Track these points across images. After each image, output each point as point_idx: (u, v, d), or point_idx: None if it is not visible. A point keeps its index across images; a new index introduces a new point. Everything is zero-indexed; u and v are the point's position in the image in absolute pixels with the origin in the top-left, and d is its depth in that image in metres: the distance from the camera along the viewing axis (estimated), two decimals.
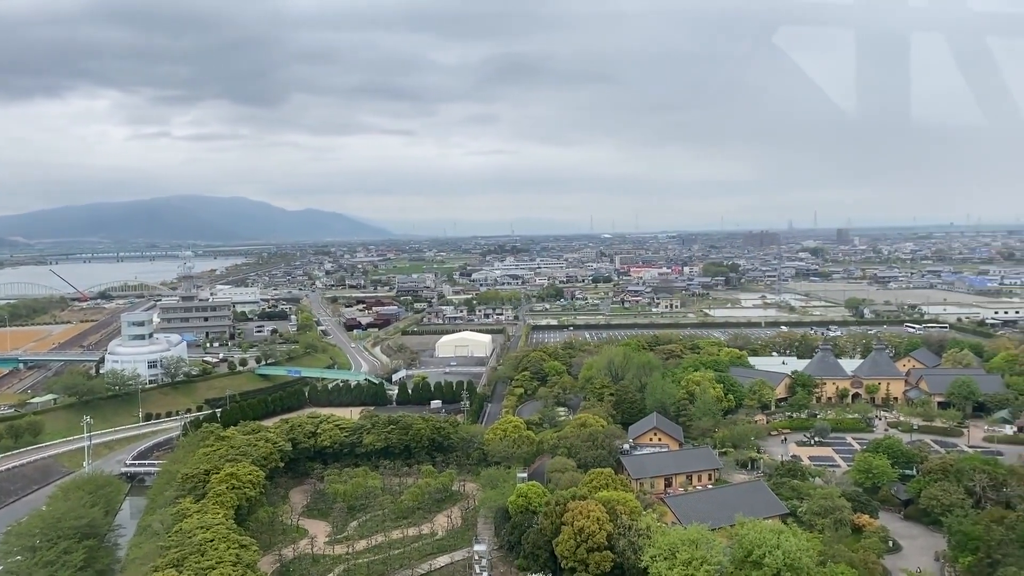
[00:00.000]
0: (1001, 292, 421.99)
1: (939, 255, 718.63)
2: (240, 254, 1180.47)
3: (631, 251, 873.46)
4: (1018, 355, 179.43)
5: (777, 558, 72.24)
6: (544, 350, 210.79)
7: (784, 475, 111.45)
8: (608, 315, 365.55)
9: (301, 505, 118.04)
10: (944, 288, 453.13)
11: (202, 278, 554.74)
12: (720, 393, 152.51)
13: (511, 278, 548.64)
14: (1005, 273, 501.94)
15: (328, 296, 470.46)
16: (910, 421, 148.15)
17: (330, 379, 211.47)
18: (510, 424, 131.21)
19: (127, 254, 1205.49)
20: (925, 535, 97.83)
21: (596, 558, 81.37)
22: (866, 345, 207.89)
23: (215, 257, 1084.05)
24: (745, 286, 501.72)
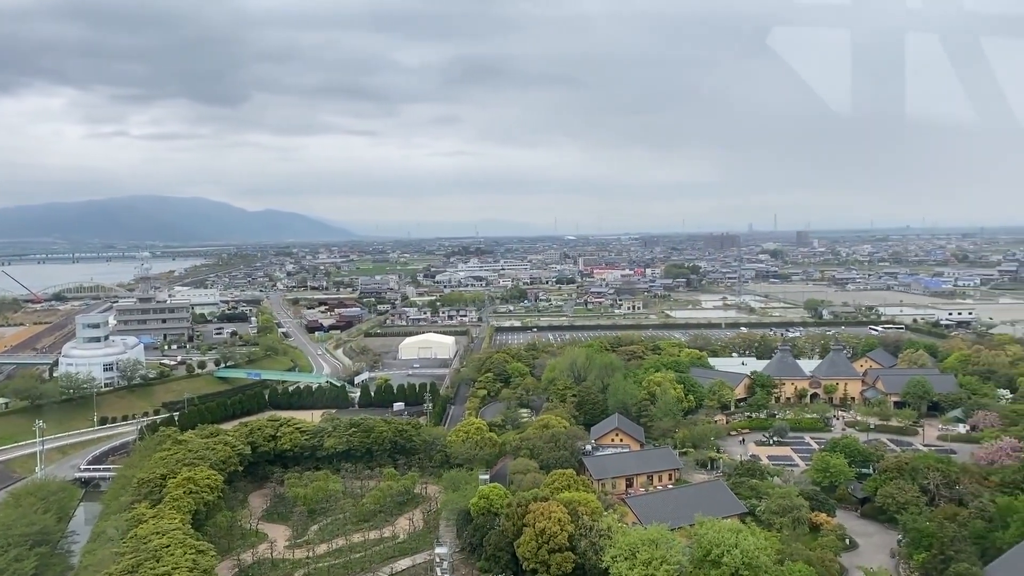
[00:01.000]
0: (955, 293, 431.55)
1: (896, 257, 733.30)
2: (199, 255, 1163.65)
3: (594, 253, 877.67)
4: (971, 355, 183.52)
5: (735, 557, 72.99)
6: (508, 351, 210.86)
7: (743, 475, 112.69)
8: (571, 316, 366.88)
9: (261, 509, 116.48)
10: (900, 290, 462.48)
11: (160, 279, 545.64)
12: (681, 394, 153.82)
13: (475, 279, 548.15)
14: (959, 275, 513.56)
15: (289, 298, 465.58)
16: (867, 421, 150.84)
17: (291, 382, 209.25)
18: (473, 426, 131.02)
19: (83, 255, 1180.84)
20: (881, 533, 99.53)
21: (557, 559, 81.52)
22: (824, 346, 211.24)
23: (174, 258, 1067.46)
24: (706, 287, 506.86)
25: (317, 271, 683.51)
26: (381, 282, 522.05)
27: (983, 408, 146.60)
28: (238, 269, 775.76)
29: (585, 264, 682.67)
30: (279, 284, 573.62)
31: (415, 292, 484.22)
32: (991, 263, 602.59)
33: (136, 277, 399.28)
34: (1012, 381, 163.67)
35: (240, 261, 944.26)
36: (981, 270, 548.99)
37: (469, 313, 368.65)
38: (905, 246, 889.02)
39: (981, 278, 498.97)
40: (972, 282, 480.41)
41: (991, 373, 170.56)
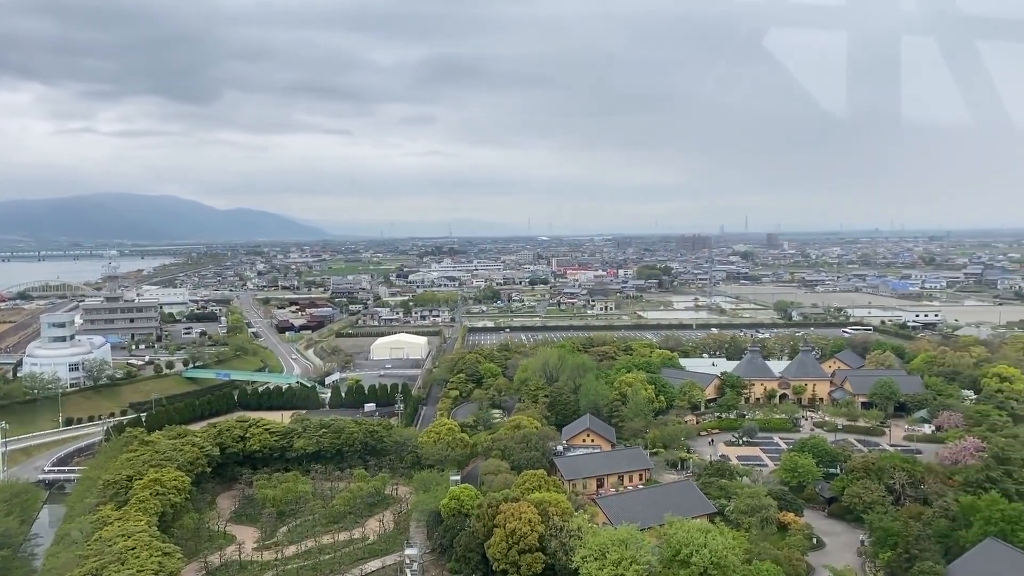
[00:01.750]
0: (922, 295, 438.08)
1: (864, 260, 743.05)
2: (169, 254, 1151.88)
3: (568, 253, 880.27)
4: (936, 356, 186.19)
5: (704, 557, 73.44)
6: (480, 352, 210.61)
7: (713, 475, 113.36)
8: (544, 317, 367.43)
9: (229, 511, 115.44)
10: (869, 291, 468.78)
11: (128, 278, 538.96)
12: (652, 394, 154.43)
13: (448, 280, 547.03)
14: (926, 277, 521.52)
15: (260, 297, 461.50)
16: (835, 421, 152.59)
17: (261, 382, 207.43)
18: (444, 427, 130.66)
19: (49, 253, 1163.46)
20: (848, 532, 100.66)
21: (528, 560, 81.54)
22: (793, 347, 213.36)
23: (142, 257, 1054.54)
24: (678, 289, 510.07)
25: (288, 271, 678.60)
26: (353, 282, 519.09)
27: (948, 409, 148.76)
28: (208, 268, 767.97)
29: (558, 265, 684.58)
30: (250, 283, 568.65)
31: (388, 292, 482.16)
32: (957, 266, 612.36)
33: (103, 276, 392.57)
34: (976, 382, 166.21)
35: (210, 260, 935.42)
36: (947, 273, 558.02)
37: (442, 313, 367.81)
38: (874, 248, 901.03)
39: (947, 280, 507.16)
40: (939, 284, 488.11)
41: (956, 374, 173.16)
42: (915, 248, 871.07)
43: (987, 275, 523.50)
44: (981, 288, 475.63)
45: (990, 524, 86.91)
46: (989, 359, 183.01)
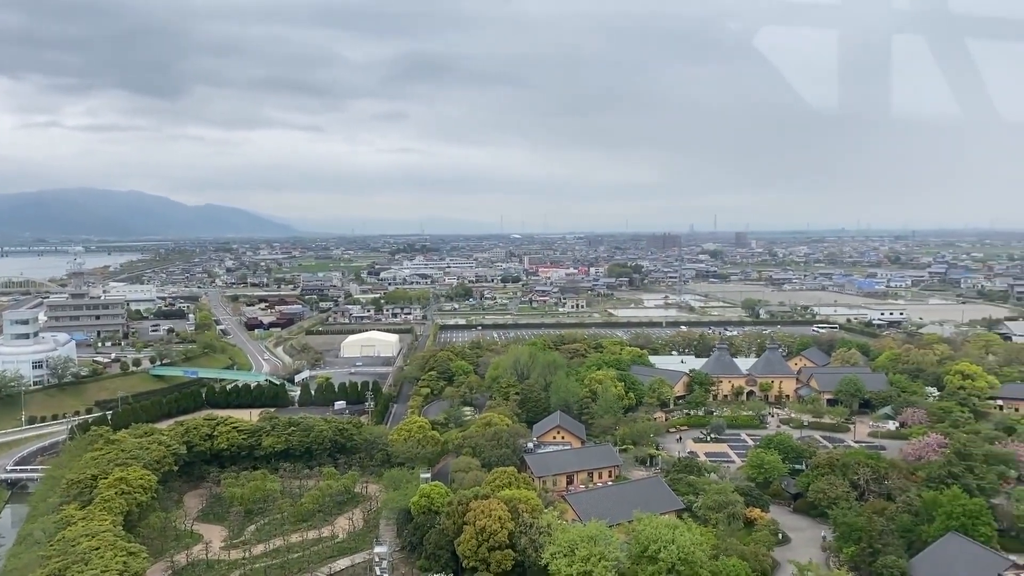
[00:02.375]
0: (887, 294, 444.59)
1: (831, 259, 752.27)
2: (136, 250, 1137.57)
3: (540, 251, 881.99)
4: (901, 354, 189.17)
5: (672, 553, 74.18)
6: (452, 350, 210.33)
7: (681, 471, 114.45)
8: (516, 315, 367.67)
9: (196, 510, 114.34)
10: (835, 290, 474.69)
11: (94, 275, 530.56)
12: (622, 391, 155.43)
13: (420, 277, 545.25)
14: (891, 276, 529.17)
15: (229, 294, 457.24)
16: (801, 418, 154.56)
17: (229, 380, 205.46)
18: (415, 424, 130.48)
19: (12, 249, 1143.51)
20: (813, 527, 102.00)
21: (497, 557, 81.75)
22: (761, 344, 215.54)
23: (109, 253, 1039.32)
24: (648, 287, 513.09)
25: (258, 267, 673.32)
26: (324, 279, 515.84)
27: (912, 405, 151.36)
28: (176, 265, 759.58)
29: (530, 263, 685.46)
30: (218, 280, 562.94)
31: (359, 290, 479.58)
32: (922, 265, 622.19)
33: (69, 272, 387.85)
34: (939, 379, 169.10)
35: (178, 257, 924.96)
36: (912, 272, 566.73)
37: (414, 311, 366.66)
38: (840, 248, 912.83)
39: (912, 279, 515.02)
40: (903, 283, 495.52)
41: (920, 371, 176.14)
42: (880, 247, 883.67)
43: (951, 274, 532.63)
44: (945, 287, 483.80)
45: (951, 519, 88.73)
46: (952, 357, 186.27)
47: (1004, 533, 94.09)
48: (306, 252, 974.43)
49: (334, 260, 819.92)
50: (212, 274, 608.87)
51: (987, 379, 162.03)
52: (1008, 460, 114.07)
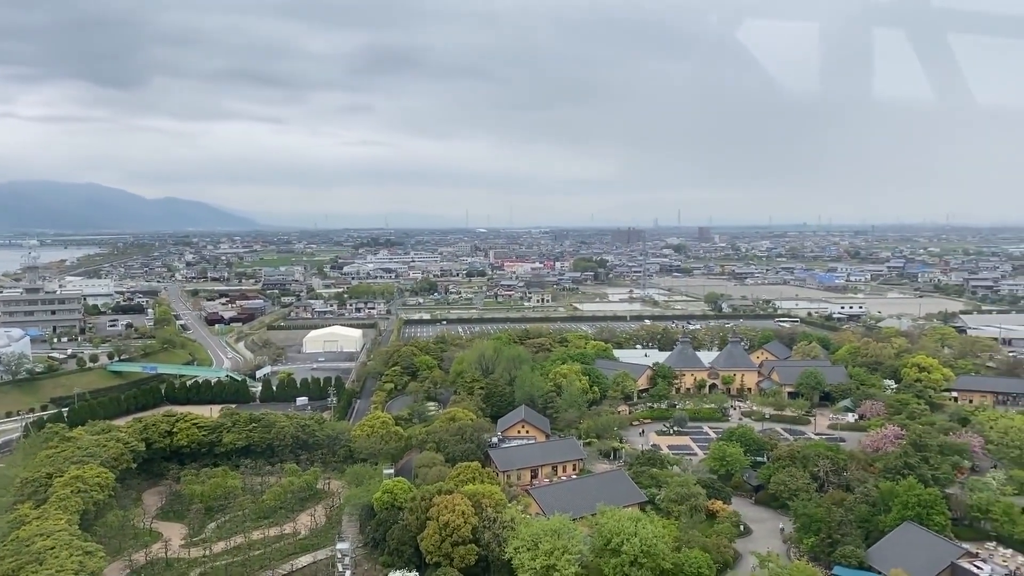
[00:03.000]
0: (847, 288, 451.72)
1: (792, 253, 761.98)
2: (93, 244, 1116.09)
3: (505, 246, 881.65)
4: (860, 347, 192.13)
5: (634, 545, 74.54)
6: (416, 344, 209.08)
7: (644, 464, 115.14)
8: (481, 309, 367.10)
9: (155, 508, 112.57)
10: (796, 284, 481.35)
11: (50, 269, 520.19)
12: (586, 385, 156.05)
13: (384, 271, 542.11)
14: (851, 270, 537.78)
15: (189, 289, 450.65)
16: (762, 410, 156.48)
17: (189, 376, 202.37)
18: (378, 420, 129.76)
19: None
20: (774, 519, 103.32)
21: (461, 552, 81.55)
22: (723, 338, 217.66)
23: (65, 247, 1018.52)
24: (613, 281, 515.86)
25: (218, 262, 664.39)
26: (286, 273, 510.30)
27: (870, 398, 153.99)
28: (135, 259, 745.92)
29: (496, 257, 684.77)
30: (178, 275, 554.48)
31: (321, 284, 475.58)
32: (881, 259, 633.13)
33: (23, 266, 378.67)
34: (897, 372, 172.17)
35: (137, 251, 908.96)
36: (872, 266, 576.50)
37: (377, 306, 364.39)
38: (801, 242, 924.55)
39: (871, 274, 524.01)
40: (863, 277, 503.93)
41: (878, 364, 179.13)
42: (841, 242, 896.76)
43: (908, 269, 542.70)
44: (903, 281, 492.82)
45: (907, 508, 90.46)
46: (909, 350, 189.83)
47: (957, 522, 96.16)
48: (268, 246, 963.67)
49: (296, 254, 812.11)
50: (172, 268, 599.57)
51: (942, 371, 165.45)
52: (962, 451, 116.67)
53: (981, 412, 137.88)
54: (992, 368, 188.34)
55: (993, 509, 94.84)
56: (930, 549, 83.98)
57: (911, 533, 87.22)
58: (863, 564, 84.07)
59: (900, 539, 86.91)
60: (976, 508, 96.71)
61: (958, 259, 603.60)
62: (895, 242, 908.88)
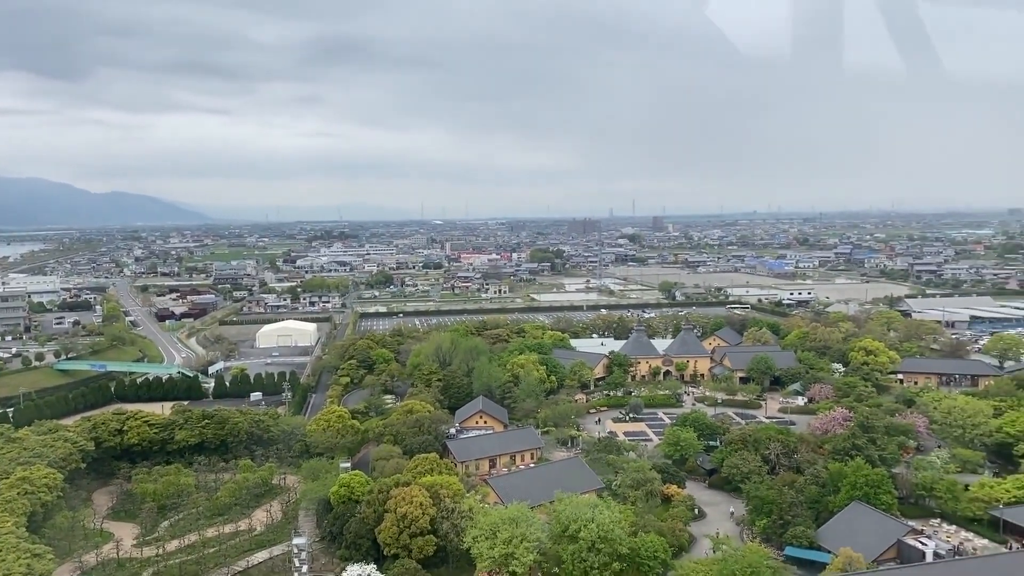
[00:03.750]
0: (796, 275, 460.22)
1: (743, 241, 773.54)
2: (37, 240, 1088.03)
3: (462, 237, 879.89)
4: (809, 332, 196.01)
5: (592, 531, 75.30)
6: (372, 338, 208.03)
7: (601, 451, 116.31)
8: (438, 301, 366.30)
9: (106, 507, 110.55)
10: (747, 271, 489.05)
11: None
12: (543, 375, 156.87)
13: (339, 264, 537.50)
14: (800, 257, 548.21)
15: (138, 285, 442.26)
16: (715, 396, 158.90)
17: (139, 373, 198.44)
18: (334, 414, 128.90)
19: None
20: (727, 501, 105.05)
21: (419, 543, 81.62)
22: (677, 325, 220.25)
23: (8, 243, 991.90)
24: (569, 271, 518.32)
25: (168, 256, 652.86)
26: (238, 268, 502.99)
27: (819, 381, 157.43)
28: (81, 255, 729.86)
29: (452, 249, 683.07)
30: (127, 270, 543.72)
31: (274, 278, 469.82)
32: (829, 246, 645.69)
33: None
34: (844, 355, 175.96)
35: (83, 246, 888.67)
36: (820, 252, 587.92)
37: (332, 299, 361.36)
38: (752, 230, 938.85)
39: (819, 260, 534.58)
40: (811, 264, 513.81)
41: (826, 348, 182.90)
42: (790, 229, 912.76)
43: (855, 255, 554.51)
44: (850, 267, 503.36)
45: (855, 488, 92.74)
46: (856, 334, 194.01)
47: (904, 500, 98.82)
48: (219, 240, 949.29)
49: (248, 248, 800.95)
50: (120, 264, 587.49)
51: (888, 354, 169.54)
52: (908, 431, 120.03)
53: (925, 393, 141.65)
54: (936, 350, 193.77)
55: (937, 487, 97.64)
56: (877, 527, 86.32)
57: (859, 512, 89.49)
58: (813, 544, 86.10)
59: (849, 518, 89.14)
60: (921, 486, 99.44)
61: (903, 244, 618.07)
62: (842, 229, 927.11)
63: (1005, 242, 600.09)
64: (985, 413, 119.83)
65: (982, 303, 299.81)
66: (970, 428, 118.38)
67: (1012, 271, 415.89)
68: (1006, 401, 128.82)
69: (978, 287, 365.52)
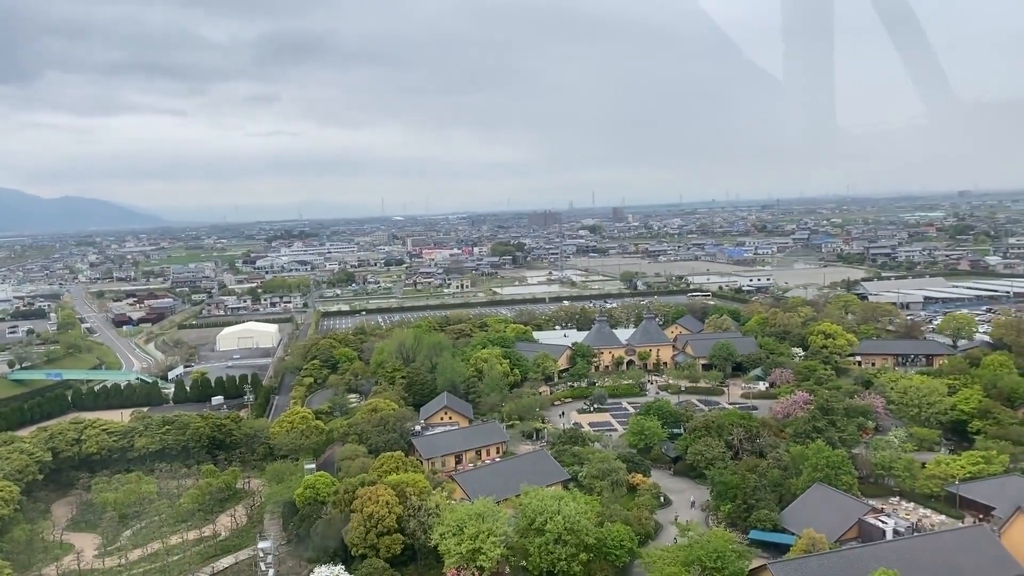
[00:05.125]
0: (755, 261, 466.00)
1: (703, 229, 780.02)
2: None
3: (423, 233, 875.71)
4: (769, 318, 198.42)
5: (558, 523, 75.61)
6: (334, 337, 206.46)
7: (566, 442, 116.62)
8: (401, 298, 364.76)
9: (66, 519, 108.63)
10: (707, 259, 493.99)
11: None
12: (507, 368, 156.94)
13: (299, 264, 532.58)
14: (759, 244, 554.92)
15: (94, 291, 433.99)
16: (678, 383, 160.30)
17: (97, 381, 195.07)
18: (298, 415, 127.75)
19: None
20: (692, 488, 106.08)
21: (386, 541, 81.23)
22: (639, 315, 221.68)
23: None
24: (531, 264, 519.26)
25: (124, 261, 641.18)
26: (196, 270, 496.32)
27: (780, 366, 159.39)
28: (34, 262, 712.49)
29: (414, 245, 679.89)
30: (81, 277, 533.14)
31: (234, 280, 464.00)
32: (786, 232, 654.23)
33: None
34: (804, 340, 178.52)
35: (36, 253, 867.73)
36: (778, 239, 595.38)
37: (294, 299, 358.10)
38: (711, 219, 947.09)
39: (778, 246, 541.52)
40: (770, 250, 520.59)
41: (786, 333, 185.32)
42: (748, 217, 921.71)
43: (813, 240, 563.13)
44: (808, 252, 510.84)
45: (816, 470, 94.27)
46: (815, 318, 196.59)
47: (864, 480, 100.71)
48: (176, 243, 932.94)
49: (206, 250, 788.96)
50: (74, 270, 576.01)
51: (847, 337, 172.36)
52: (866, 412, 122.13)
53: (883, 374, 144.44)
54: (892, 331, 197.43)
55: (895, 466, 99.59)
56: (839, 508, 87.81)
57: (821, 494, 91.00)
58: (777, 526, 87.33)
59: (811, 500, 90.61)
60: (880, 466, 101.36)
61: (859, 229, 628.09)
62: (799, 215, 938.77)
63: (956, 224, 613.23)
64: (940, 392, 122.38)
65: (935, 284, 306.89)
66: (926, 407, 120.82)
67: (963, 252, 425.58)
68: (959, 379, 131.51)
69: (931, 268, 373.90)
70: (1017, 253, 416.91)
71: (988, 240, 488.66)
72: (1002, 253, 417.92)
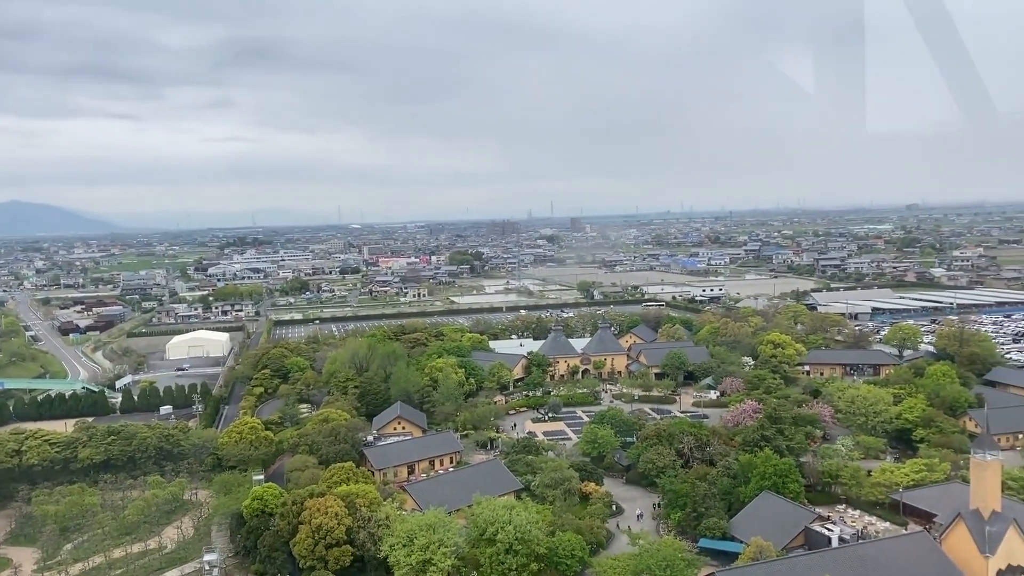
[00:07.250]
0: (708, 272, 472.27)
1: (658, 240, 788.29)
2: None
3: (380, 241, 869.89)
4: (720, 327, 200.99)
5: (509, 533, 75.56)
6: (286, 346, 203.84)
7: (520, 452, 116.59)
8: (356, 307, 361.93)
9: (4, 532, 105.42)
10: (662, 269, 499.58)
11: None
12: (462, 377, 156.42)
13: (252, 272, 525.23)
14: (712, 255, 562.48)
15: (39, 297, 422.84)
16: (632, 392, 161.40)
17: (41, 390, 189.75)
18: (247, 425, 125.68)
19: None
20: (644, 496, 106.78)
21: (335, 553, 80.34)
22: (594, 324, 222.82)
23: None
24: (489, 273, 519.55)
25: (72, 268, 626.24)
26: (146, 277, 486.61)
27: (730, 375, 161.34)
28: None
29: (370, 253, 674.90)
30: (27, 283, 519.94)
31: (185, 287, 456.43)
32: (739, 243, 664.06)
33: None
34: (754, 349, 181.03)
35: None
36: (731, 250, 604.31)
37: (246, 308, 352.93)
38: (666, 229, 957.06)
39: (731, 257, 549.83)
40: (723, 261, 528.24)
41: (737, 343, 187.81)
42: (702, 228, 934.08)
43: (764, 251, 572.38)
44: (759, 263, 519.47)
45: (765, 479, 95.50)
46: (765, 328, 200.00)
47: (811, 488, 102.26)
48: (126, 249, 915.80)
49: (157, 257, 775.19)
50: (19, 276, 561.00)
51: (795, 347, 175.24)
52: (814, 421, 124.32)
53: (831, 383, 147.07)
54: (840, 341, 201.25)
55: (842, 474, 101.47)
56: (786, 516, 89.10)
57: (768, 502, 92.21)
58: (726, 535, 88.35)
59: (759, 508, 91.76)
60: (827, 474, 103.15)
61: (809, 241, 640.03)
62: (752, 226, 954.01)
63: (903, 236, 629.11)
64: (886, 401, 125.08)
65: (883, 295, 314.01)
66: (872, 416, 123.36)
67: (910, 264, 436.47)
68: (905, 389, 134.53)
69: (879, 280, 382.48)
70: (961, 265, 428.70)
71: (934, 253, 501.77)
72: (947, 265, 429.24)
